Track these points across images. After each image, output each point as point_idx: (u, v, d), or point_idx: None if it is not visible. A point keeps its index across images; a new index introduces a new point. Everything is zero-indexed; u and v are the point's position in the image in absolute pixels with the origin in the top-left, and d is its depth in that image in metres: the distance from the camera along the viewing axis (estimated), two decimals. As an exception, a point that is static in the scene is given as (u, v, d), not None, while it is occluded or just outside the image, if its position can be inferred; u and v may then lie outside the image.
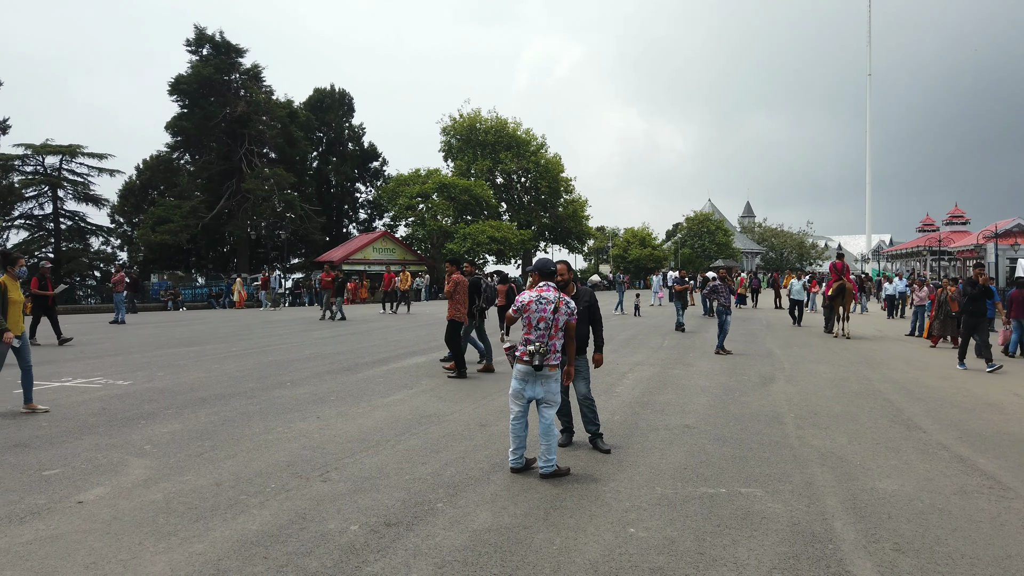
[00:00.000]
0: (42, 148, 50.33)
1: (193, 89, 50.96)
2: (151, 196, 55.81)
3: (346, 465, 5.72)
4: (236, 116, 51.14)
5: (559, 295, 5.62)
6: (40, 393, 8.92)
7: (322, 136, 64.49)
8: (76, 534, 4.16)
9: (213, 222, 50.89)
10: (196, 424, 7.20)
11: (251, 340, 16.36)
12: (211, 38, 52.00)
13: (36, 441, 6.40)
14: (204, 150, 53.54)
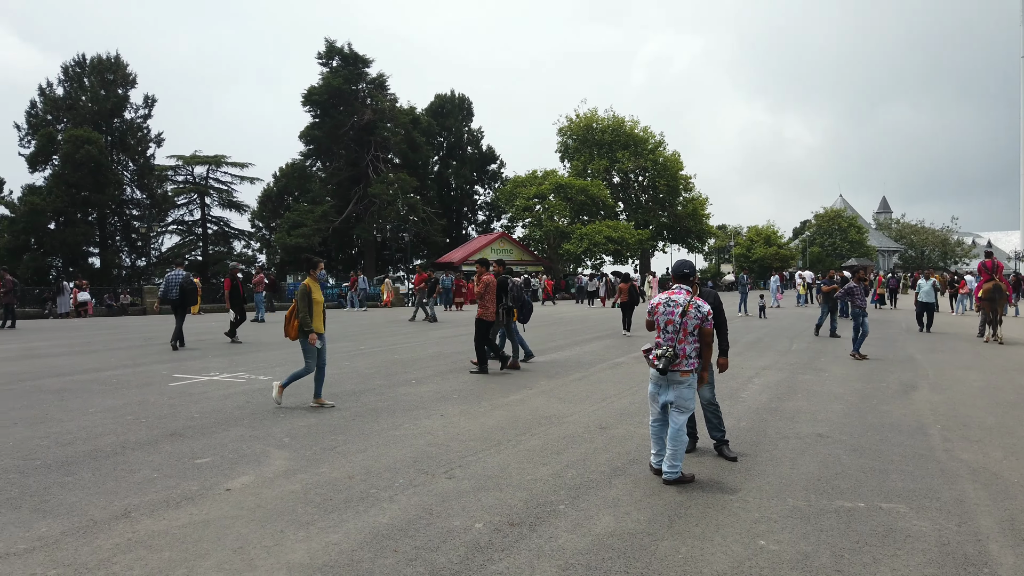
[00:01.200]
0: (191, 159, 54.72)
1: (324, 99, 53.70)
2: (287, 201, 59.31)
3: (469, 463, 5.84)
4: (363, 124, 53.43)
5: (690, 298, 5.49)
6: (191, 386, 9.70)
7: (443, 140, 66.26)
8: (225, 519, 4.48)
9: (342, 225, 53.43)
10: (330, 419, 7.58)
11: (378, 339, 17.03)
12: (340, 50, 54.59)
13: (189, 431, 6.94)
14: (334, 157, 56.31)
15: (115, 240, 50.89)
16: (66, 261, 46.92)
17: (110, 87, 48.66)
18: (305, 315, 7.91)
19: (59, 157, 45.09)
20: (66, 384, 9.87)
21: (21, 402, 8.47)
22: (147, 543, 4.06)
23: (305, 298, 7.96)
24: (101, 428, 7.05)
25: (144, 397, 8.83)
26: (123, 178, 49.36)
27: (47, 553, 3.90)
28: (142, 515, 4.53)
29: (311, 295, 8.00)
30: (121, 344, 15.98)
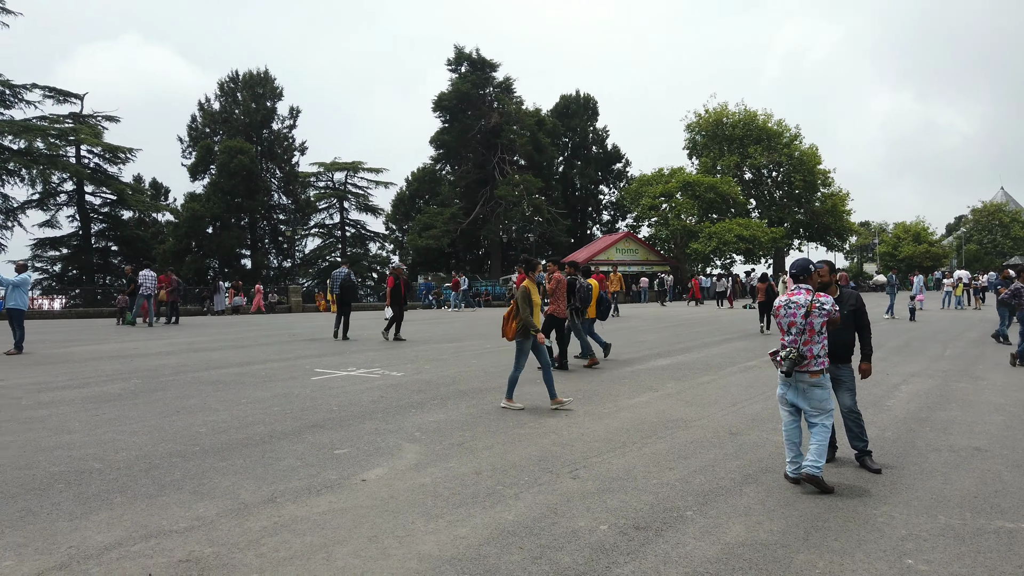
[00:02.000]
0: (331, 165, 57.90)
1: (453, 105, 55.22)
2: (418, 204, 61.50)
3: (594, 464, 5.82)
4: (490, 127, 54.47)
5: (812, 297, 5.28)
6: (331, 380, 10.25)
7: (567, 141, 66.38)
8: (360, 509, 4.70)
9: (470, 227, 54.73)
10: (458, 415, 7.79)
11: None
12: (468, 56, 55.93)
13: (329, 423, 7.34)
14: (462, 161, 57.79)
15: (264, 243, 54.69)
16: (222, 262, 50.90)
17: (260, 100, 52.35)
18: (528, 316, 7.97)
19: (216, 167, 49.01)
20: (221, 376, 10.71)
21: (183, 392, 9.28)
22: (291, 527, 4.34)
23: (526, 299, 8.02)
24: (251, 418, 7.60)
25: (289, 390, 9.42)
26: (271, 185, 52.97)
27: (204, 532, 4.25)
28: (287, 500, 4.84)
29: (531, 296, 8.06)
30: (268, 340, 17.14)
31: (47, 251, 48.85)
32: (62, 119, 46.03)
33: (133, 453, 6.08)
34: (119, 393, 9.15)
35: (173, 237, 48.53)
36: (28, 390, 9.37)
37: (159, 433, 6.85)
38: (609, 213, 69.60)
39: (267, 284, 44.53)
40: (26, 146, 42.38)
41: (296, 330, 20.56)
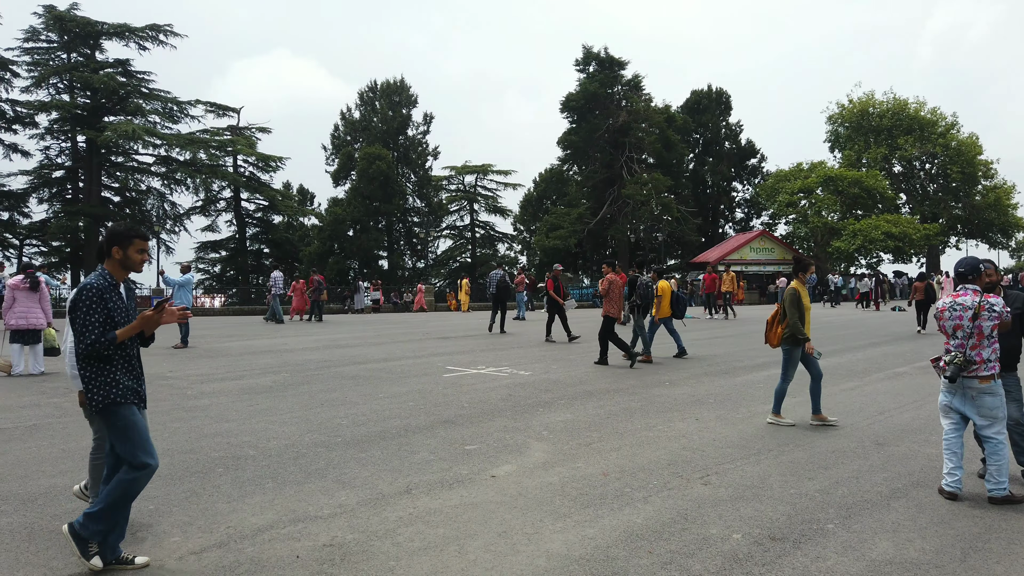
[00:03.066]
0: (462, 169, 59.44)
1: (580, 105, 55.18)
2: (545, 205, 61.92)
3: (726, 471, 5.64)
4: (618, 126, 53.97)
5: (980, 299, 4.87)
6: (462, 378, 10.54)
7: (698, 137, 64.60)
8: (490, 504, 4.81)
9: (597, 227, 54.46)
10: (584, 415, 7.79)
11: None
12: (597, 55, 55.69)
13: (460, 419, 7.56)
14: (589, 160, 57.62)
15: (399, 244, 57.03)
16: (361, 263, 53.54)
17: (396, 108, 54.66)
18: (796, 322, 7.15)
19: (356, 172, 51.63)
20: (361, 372, 11.27)
21: (327, 385, 9.85)
22: (425, 519, 4.51)
23: (795, 303, 7.21)
24: (388, 412, 7.95)
25: (423, 386, 9.78)
26: (406, 189, 55.16)
27: (346, 519, 4.50)
28: (421, 493, 5.04)
29: (800, 299, 7.24)
30: (404, 337, 17.84)
31: (208, 253, 53.31)
32: (221, 132, 50.10)
33: (283, 442, 6.53)
34: (270, 385, 9.85)
35: (318, 240, 51.56)
36: (192, 381, 10.27)
37: (305, 424, 7.31)
38: (743, 211, 67.09)
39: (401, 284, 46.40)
40: (191, 157, 46.41)
41: (428, 328, 21.28)
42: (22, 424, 7.25)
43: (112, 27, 45.48)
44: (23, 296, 11.03)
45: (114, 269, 3.83)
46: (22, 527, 4.31)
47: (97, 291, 3.65)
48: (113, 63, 46.37)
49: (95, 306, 3.62)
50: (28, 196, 46.68)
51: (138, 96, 45.97)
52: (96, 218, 45.02)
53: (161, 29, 46.48)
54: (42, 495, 4.94)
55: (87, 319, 3.59)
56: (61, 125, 45.56)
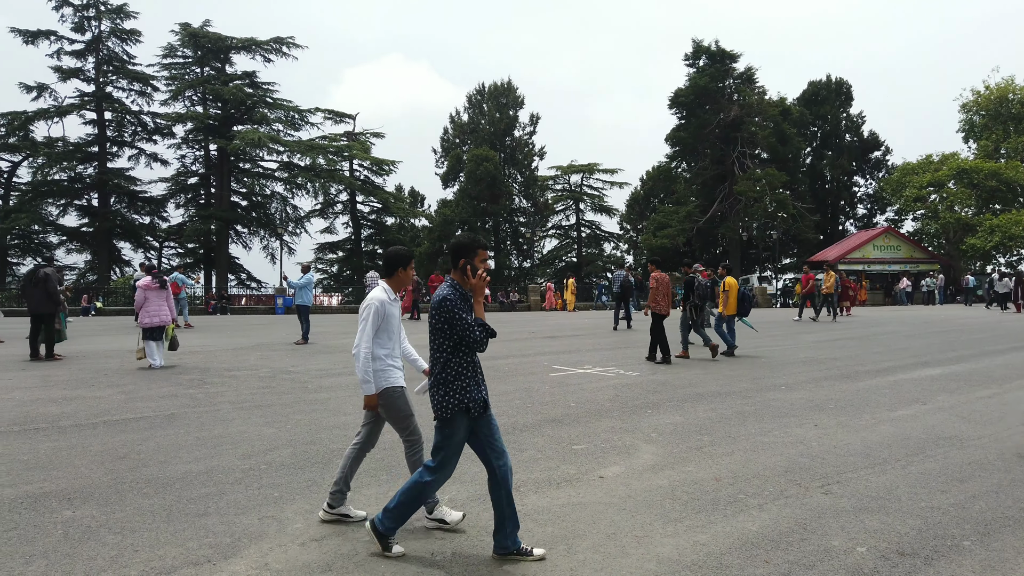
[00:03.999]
0: (568, 168, 59.45)
1: (690, 100, 53.96)
2: (652, 204, 60.95)
3: (849, 480, 5.35)
4: (729, 121, 52.38)
5: None
6: (568, 377, 10.53)
7: (816, 131, 61.70)
8: (598, 505, 4.78)
9: (707, 225, 53.08)
10: (695, 418, 7.60)
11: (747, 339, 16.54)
12: (707, 49, 54.28)
13: (567, 419, 7.55)
14: (699, 157, 56.25)
15: (506, 244, 57.66)
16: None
17: (503, 110, 55.31)
18: None
19: (464, 174, 52.65)
20: (468, 369, 11.46)
21: (436, 382, 10.08)
22: (533, 516, 4.54)
23: None
24: (496, 410, 8.02)
25: (529, 384, 9.84)
26: (512, 189, 55.70)
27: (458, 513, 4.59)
28: (529, 490, 5.07)
29: None
30: (510, 336, 18.02)
31: (326, 254, 55.88)
32: (338, 137, 52.42)
33: (395, 437, 6.72)
34: (383, 381, 10.19)
35: (427, 240, 52.95)
36: (313, 376, 10.77)
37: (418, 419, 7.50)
38: (865, 207, 63.50)
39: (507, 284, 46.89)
40: (311, 163, 48.81)
41: (534, 328, 21.38)
42: (161, 413, 7.84)
43: (240, 41, 48.49)
44: (153, 295, 11.86)
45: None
46: (161, 508, 4.66)
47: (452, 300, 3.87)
48: (241, 75, 49.46)
49: (459, 309, 3.84)
50: (166, 201, 50.62)
51: (263, 106, 48.81)
52: (226, 221, 48.19)
53: (284, 41, 49.15)
54: (179, 480, 5.32)
55: (463, 318, 3.83)
56: (195, 135, 49.07)
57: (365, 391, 4.41)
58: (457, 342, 3.89)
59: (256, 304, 41.51)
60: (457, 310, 3.81)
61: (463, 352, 3.92)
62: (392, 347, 4.56)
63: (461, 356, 3.93)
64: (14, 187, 46.70)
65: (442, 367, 3.96)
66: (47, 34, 45.06)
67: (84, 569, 3.68)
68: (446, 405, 3.94)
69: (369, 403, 4.45)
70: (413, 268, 4.48)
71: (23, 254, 47.21)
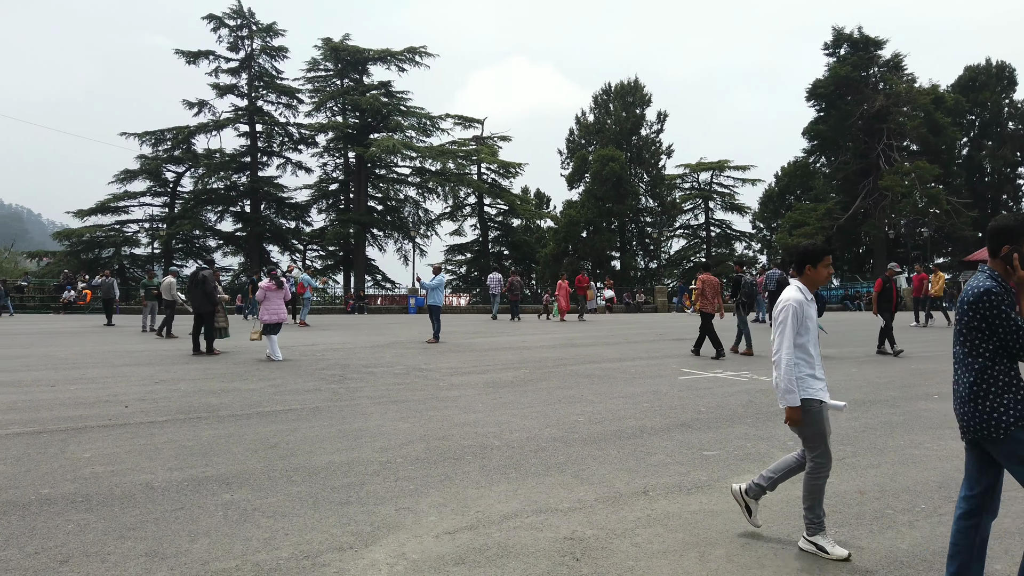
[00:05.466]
0: (696, 166, 57.97)
1: (829, 91, 51.16)
2: (788, 201, 58.23)
3: (1012, 499, 4.87)
4: (874, 112, 49.18)
5: None
6: (698, 381, 10.27)
7: (974, 119, 56.76)
8: (732, 513, 4.63)
9: (848, 223, 50.11)
10: (836, 427, 7.18)
11: (891, 346, 15.47)
12: (849, 36, 51.28)
13: (697, 424, 7.38)
14: (839, 151, 53.19)
15: (632, 245, 56.97)
16: (594, 264, 54.30)
17: (630, 109, 54.67)
18: None
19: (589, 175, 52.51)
20: (595, 371, 11.44)
21: (563, 383, 10.14)
22: (663, 522, 4.47)
23: None
24: (623, 412, 7.99)
25: (657, 387, 9.69)
26: (639, 189, 54.93)
27: (584, 515, 4.60)
28: (658, 495, 5.00)
29: None
30: (637, 338, 17.80)
31: (455, 255, 57.51)
32: (467, 142, 53.86)
33: (524, 435, 6.84)
34: (511, 380, 10.36)
35: (553, 241, 53.21)
36: (444, 374, 11.12)
37: (544, 419, 7.59)
38: (1033, 200, 57.70)
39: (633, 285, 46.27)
40: (441, 167, 50.40)
41: (661, 329, 21.00)
42: (307, 406, 8.36)
43: (377, 53, 50.86)
44: (273, 295, 13.03)
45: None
46: (308, 496, 4.97)
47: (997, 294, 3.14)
48: (377, 85, 51.87)
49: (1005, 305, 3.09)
50: (310, 207, 53.94)
51: (398, 114, 50.94)
52: (363, 225, 50.62)
53: (417, 51, 51.10)
54: (323, 469, 5.65)
55: (1012, 318, 3.07)
56: (336, 143, 51.99)
57: (788, 402, 3.91)
58: (999, 345, 3.13)
59: (390, 304, 43.32)
60: (1004, 306, 3.09)
61: (1005, 358, 3.15)
62: (811, 353, 4.02)
63: (1004, 363, 3.15)
64: (178, 195, 51.31)
65: (977, 375, 3.18)
66: (206, 54, 49.17)
67: (241, 549, 4.00)
68: (1004, 420, 3.10)
69: (792, 416, 3.92)
70: (829, 265, 4.09)
71: (186, 257, 51.72)
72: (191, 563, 3.79)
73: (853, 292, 41.38)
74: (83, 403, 8.41)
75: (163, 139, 49.51)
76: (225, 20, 49.13)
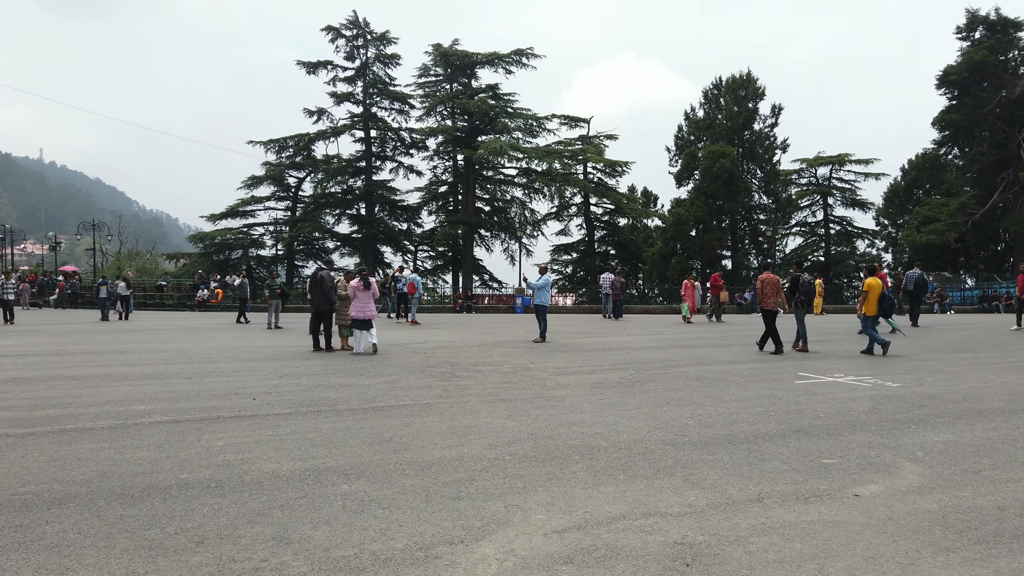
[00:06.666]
0: (814, 161, 55.39)
1: (963, 78, 47.58)
2: (916, 196, 54.64)
3: None
4: (1014, 98, 45.34)
5: None
6: (816, 385, 9.83)
7: None
8: (853, 525, 4.41)
9: (984, 218, 46.44)
10: (971, 438, 6.71)
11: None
12: (984, 19, 47.51)
13: (815, 430, 7.06)
14: (974, 141, 49.38)
15: (744, 243, 55.08)
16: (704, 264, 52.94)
17: (742, 103, 52.91)
18: None
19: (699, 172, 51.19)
20: (706, 372, 11.16)
21: (672, 384, 9.95)
22: (779, 531, 4.31)
23: None
24: (735, 416, 7.76)
25: (772, 391, 9.34)
26: (751, 185, 53.06)
27: (695, 520, 4.51)
28: (773, 503, 4.82)
29: None
30: (749, 339, 17.19)
31: (561, 255, 57.57)
32: (573, 142, 53.81)
33: (631, 436, 6.77)
34: (618, 381, 10.28)
35: (660, 240, 52.26)
36: (550, 373, 11.17)
37: (652, 421, 7.49)
38: None
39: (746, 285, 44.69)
40: (547, 168, 50.55)
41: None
42: (419, 402, 8.61)
43: (485, 56, 51.70)
44: (361, 294, 13.94)
45: None
46: (421, 489, 5.13)
47: None
48: (485, 88, 52.70)
49: None
50: (420, 209, 55.58)
51: (505, 116, 51.53)
52: (471, 226, 51.56)
53: (524, 53, 51.56)
54: (435, 464, 5.81)
55: None
56: (445, 146, 53.28)
57: None
58: None
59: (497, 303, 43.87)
60: None
61: None
62: None
63: None
64: (300, 199, 54.07)
65: None
66: (325, 64, 51.55)
67: (359, 538, 4.18)
68: None
69: None
70: None
71: (306, 258, 54.44)
72: (313, 549, 4.00)
73: (992, 292, 38.26)
74: (216, 395, 9.02)
75: (286, 146, 52.33)
76: (342, 31, 51.33)
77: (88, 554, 3.91)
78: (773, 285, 14.44)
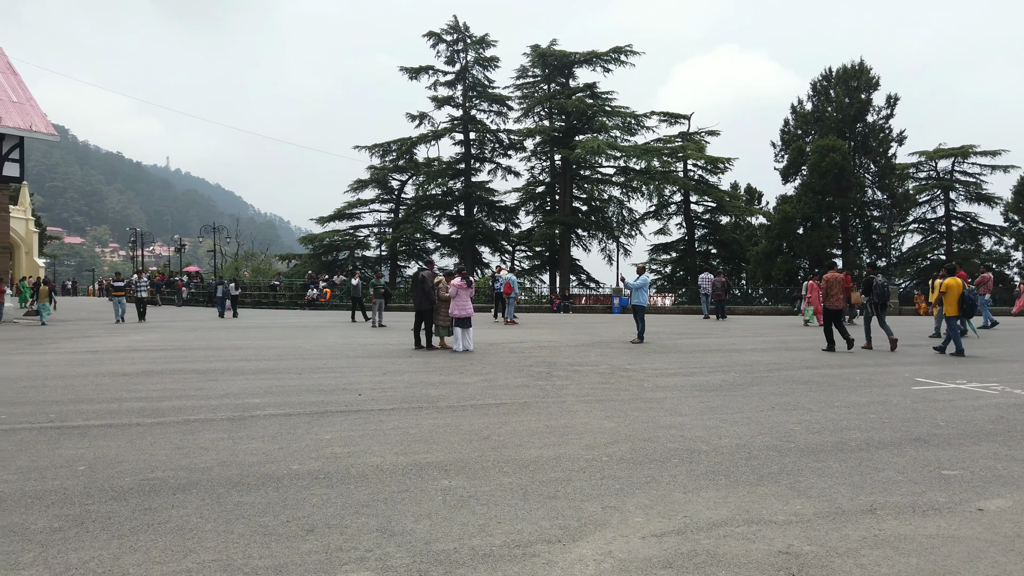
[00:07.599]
0: (935, 153, 52.08)
1: (1108, 58, 43.45)
2: (1051, 189, 50.34)
3: None
4: None
5: None
6: (935, 392, 9.25)
7: None
8: (976, 541, 4.13)
9: None
10: (1116, 453, 6.13)
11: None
12: None
13: (934, 439, 6.65)
14: (1122, 127, 44.99)
15: (856, 241, 52.42)
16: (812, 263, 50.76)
17: (854, 94, 50.37)
18: None
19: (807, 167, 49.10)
20: (814, 376, 10.71)
21: (777, 388, 9.61)
22: (893, 544, 4.09)
23: None
24: (846, 422, 7.41)
25: (886, 397, 8.86)
26: (864, 180, 50.44)
27: (801, 529, 4.34)
28: (887, 514, 4.58)
29: None
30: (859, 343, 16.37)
31: (660, 255, 56.59)
32: (672, 139, 52.83)
33: (734, 441, 6.59)
34: (720, 384, 10.02)
35: (765, 239, 50.50)
36: (648, 375, 11.02)
37: (756, 426, 7.26)
38: None
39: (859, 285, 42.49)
40: (646, 166, 49.83)
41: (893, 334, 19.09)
42: (516, 401, 8.69)
43: (582, 55, 51.54)
44: (463, 292, 14.35)
45: None
46: (518, 487, 5.18)
47: None
48: (583, 87, 52.55)
49: None
50: (518, 209, 56.05)
51: (602, 115, 51.19)
52: (568, 226, 51.50)
53: (622, 50, 51.08)
54: (532, 462, 5.85)
55: None
56: (542, 147, 53.48)
57: None
58: None
59: (594, 303, 43.63)
60: None
61: None
62: None
63: None
64: (402, 202, 55.68)
65: None
66: (426, 69, 52.87)
67: (458, 533, 4.27)
68: None
69: None
70: None
71: (408, 258, 56.00)
72: (415, 542, 4.12)
73: None
74: (324, 390, 9.43)
75: (389, 150, 54.04)
76: (443, 36, 52.48)
77: (209, 538, 4.18)
78: (839, 284, 14.48)
